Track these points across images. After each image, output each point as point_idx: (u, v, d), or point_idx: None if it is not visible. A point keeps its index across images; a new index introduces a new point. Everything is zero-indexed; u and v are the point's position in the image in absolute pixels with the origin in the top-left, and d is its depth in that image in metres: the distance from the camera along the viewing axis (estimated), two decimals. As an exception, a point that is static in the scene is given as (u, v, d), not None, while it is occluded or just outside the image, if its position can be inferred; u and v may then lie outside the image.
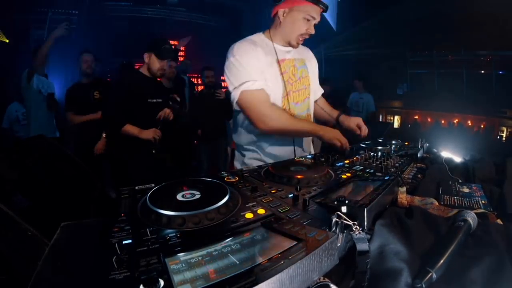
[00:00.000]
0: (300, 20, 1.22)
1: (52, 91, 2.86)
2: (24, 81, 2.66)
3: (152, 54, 1.99)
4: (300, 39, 1.29)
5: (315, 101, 1.59)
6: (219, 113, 3.39)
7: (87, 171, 1.44)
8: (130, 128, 1.99)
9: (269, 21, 1.35)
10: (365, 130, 1.42)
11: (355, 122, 1.44)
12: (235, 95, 1.21)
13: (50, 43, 2.53)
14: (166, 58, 2.02)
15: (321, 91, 1.62)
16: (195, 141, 3.82)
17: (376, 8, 5.90)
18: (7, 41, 4.37)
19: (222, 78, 6.27)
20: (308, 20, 1.22)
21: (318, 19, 1.24)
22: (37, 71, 2.67)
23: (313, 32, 1.27)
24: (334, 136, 1.22)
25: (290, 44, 1.31)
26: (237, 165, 1.42)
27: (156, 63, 2.00)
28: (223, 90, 3.43)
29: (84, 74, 2.73)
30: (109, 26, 6.04)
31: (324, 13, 1.29)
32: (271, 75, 1.27)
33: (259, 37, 1.33)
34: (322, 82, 1.65)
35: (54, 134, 2.98)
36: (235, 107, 1.28)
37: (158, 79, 2.20)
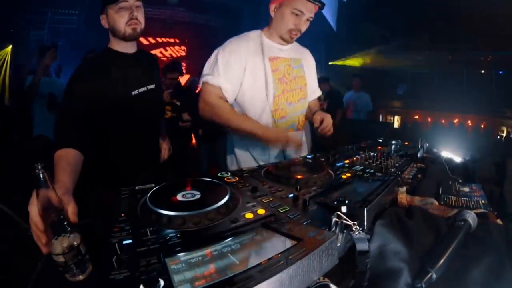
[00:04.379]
0: (288, 14, 1.22)
1: (53, 91, 2.85)
2: (27, 86, 2.68)
3: (108, 9, 1.19)
4: (292, 34, 1.26)
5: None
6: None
7: (87, 171, 1.44)
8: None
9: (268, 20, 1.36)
10: (325, 127, 1.31)
11: (321, 116, 1.32)
12: (200, 83, 1.30)
13: (41, 71, 2.62)
14: None
15: (318, 93, 1.57)
16: (193, 142, 3.81)
17: (376, 8, 5.90)
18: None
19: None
20: (296, 14, 1.21)
21: (308, 14, 1.23)
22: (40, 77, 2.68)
23: (302, 27, 1.25)
24: (277, 137, 1.11)
25: (283, 39, 1.30)
26: (230, 166, 1.41)
27: (118, 16, 1.18)
28: None
29: None
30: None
31: (323, 12, 1.28)
32: (259, 71, 1.26)
33: (255, 33, 1.33)
34: (321, 81, 1.61)
35: None
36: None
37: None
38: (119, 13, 1.19)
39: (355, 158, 1.13)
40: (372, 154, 1.16)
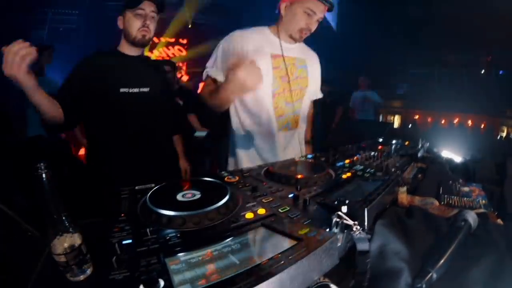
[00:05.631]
0: (300, 13, 1.22)
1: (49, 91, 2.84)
2: None
3: (126, 12, 1.33)
4: (303, 33, 1.27)
5: None
6: (220, 112, 3.37)
7: (87, 171, 1.44)
8: None
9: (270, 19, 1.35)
10: None
11: None
12: (204, 75, 1.32)
13: (36, 71, 2.62)
14: (141, 1, 1.30)
15: (320, 96, 1.56)
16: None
17: (377, 8, 5.90)
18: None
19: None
20: (308, 14, 1.22)
21: (319, 15, 1.23)
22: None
23: (313, 27, 1.26)
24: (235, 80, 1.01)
25: (292, 38, 1.30)
26: (232, 165, 1.40)
27: (133, 21, 1.31)
28: None
29: None
30: (109, 26, 6.05)
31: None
32: (261, 67, 1.23)
33: (260, 29, 1.32)
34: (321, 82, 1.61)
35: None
36: None
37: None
38: (134, 18, 1.32)
39: (355, 158, 1.13)
40: (372, 154, 1.16)
